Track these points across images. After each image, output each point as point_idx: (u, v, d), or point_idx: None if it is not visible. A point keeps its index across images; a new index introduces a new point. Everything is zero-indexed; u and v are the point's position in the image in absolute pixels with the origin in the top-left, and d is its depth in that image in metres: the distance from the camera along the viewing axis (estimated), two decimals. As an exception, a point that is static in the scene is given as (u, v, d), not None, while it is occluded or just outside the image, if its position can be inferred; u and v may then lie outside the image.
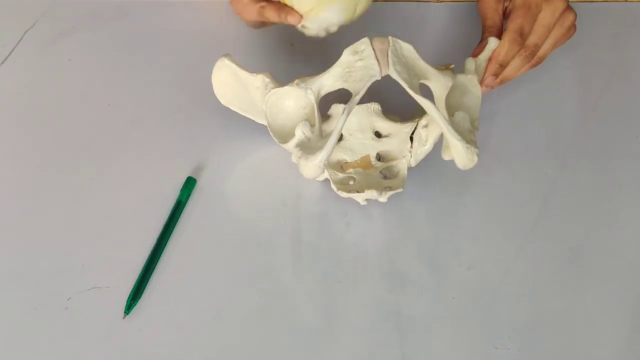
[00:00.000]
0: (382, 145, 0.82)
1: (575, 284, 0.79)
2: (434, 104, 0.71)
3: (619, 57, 0.95)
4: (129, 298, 0.75)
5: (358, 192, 0.78)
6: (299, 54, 0.92)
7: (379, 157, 0.82)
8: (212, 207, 0.82)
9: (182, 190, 0.81)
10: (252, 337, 0.75)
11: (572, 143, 0.88)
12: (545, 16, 0.81)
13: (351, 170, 0.81)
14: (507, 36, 0.79)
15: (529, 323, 0.77)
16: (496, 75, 0.80)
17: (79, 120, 0.87)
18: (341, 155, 0.81)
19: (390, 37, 0.73)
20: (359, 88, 0.71)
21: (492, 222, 0.82)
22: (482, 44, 0.81)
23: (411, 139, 0.80)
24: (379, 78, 0.72)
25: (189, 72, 0.90)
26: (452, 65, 0.79)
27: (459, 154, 0.73)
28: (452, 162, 0.76)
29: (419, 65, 0.73)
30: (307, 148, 0.73)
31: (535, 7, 0.80)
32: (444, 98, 0.73)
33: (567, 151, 0.88)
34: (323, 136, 0.73)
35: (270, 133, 0.76)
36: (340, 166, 0.82)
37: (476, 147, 0.74)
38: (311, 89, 0.73)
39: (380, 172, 0.80)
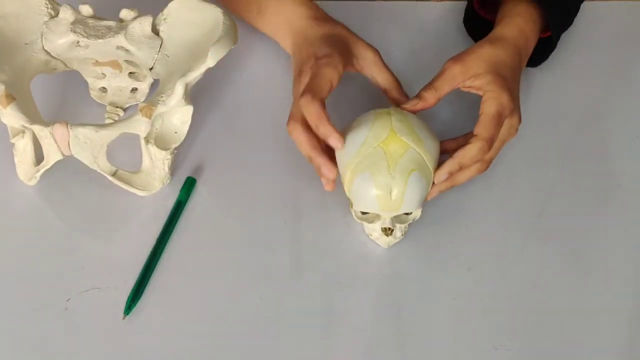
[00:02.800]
0: (128, 56, 0.82)
1: (575, 284, 0.79)
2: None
3: (619, 56, 0.95)
4: (128, 299, 0.75)
5: (114, 105, 0.86)
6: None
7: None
8: (212, 207, 0.82)
9: (182, 190, 0.81)
10: (252, 337, 0.75)
11: (572, 143, 0.88)
12: (503, 132, 0.79)
13: (104, 68, 0.85)
14: (479, 143, 0.76)
15: (529, 323, 0.76)
16: (451, 173, 0.77)
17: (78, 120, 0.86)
18: (92, 54, 0.82)
19: (69, 127, 0.74)
20: (47, 160, 0.77)
21: (492, 222, 0.82)
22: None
23: None
24: (62, 157, 0.76)
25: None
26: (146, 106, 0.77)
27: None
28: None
29: (107, 134, 0.75)
30: (21, 157, 0.80)
31: (504, 117, 0.78)
32: (145, 135, 0.78)
33: (567, 151, 0.88)
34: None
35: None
36: (93, 63, 0.84)
37: (163, 179, 0.81)
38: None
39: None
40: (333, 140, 0.75)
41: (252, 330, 0.75)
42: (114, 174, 0.78)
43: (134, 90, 0.87)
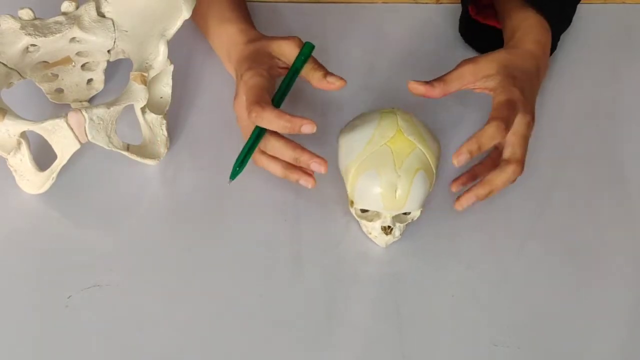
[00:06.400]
0: (81, 46, 0.83)
1: (574, 282, 0.79)
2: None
3: (617, 57, 0.96)
4: (235, 164, 0.76)
5: (71, 102, 0.87)
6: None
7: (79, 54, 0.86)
8: (212, 206, 0.82)
9: (297, 58, 0.80)
10: (252, 336, 0.75)
11: (571, 143, 0.88)
12: (521, 126, 0.78)
13: (54, 69, 0.85)
14: (495, 122, 0.75)
15: (528, 321, 0.77)
16: (471, 153, 0.74)
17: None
18: (43, 57, 0.82)
19: (84, 112, 0.74)
20: (62, 156, 0.77)
21: (492, 220, 0.82)
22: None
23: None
24: (79, 146, 0.77)
25: (186, 70, 0.91)
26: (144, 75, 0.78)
27: None
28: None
29: (115, 110, 0.76)
30: (21, 170, 0.80)
31: (516, 106, 0.77)
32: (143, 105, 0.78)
33: (566, 151, 0.88)
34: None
35: None
36: (43, 66, 0.84)
37: (166, 143, 0.83)
38: (11, 132, 0.76)
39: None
40: (308, 126, 0.74)
41: (252, 328, 0.75)
42: (127, 149, 0.79)
43: (90, 81, 0.87)
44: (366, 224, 0.79)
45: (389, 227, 0.78)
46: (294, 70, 0.79)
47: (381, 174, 0.75)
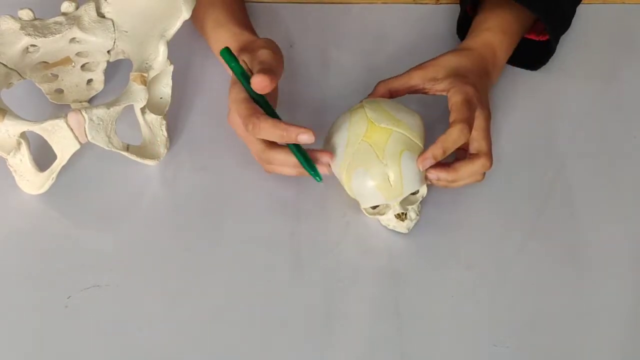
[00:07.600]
0: (81, 47, 0.83)
1: (575, 284, 0.79)
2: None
3: (617, 57, 0.96)
4: (309, 171, 0.76)
5: (71, 102, 0.87)
6: (298, 56, 0.93)
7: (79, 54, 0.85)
8: (212, 206, 0.82)
9: (231, 67, 0.79)
10: (252, 336, 0.75)
11: (572, 143, 0.88)
12: (480, 120, 0.79)
13: (54, 69, 0.85)
14: (458, 125, 0.75)
15: (528, 322, 0.77)
16: (436, 158, 0.75)
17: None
18: (43, 57, 0.82)
19: (83, 112, 0.74)
20: (62, 156, 0.78)
21: (492, 220, 0.82)
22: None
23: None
24: (79, 147, 0.77)
25: (185, 71, 0.91)
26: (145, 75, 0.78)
27: None
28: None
29: (115, 111, 0.76)
30: (21, 171, 0.80)
31: (473, 104, 0.78)
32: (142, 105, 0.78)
33: (567, 151, 0.88)
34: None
35: None
36: (43, 66, 0.84)
37: (166, 143, 0.83)
38: (11, 132, 0.76)
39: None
40: (305, 135, 0.74)
41: (252, 330, 0.75)
42: (127, 150, 0.80)
43: (90, 81, 0.88)
44: (381, 218, 0.80)
45: (402, 213, 0.78)
46: (242, 78, 0.78)
47: (369, 169, 0.76)
